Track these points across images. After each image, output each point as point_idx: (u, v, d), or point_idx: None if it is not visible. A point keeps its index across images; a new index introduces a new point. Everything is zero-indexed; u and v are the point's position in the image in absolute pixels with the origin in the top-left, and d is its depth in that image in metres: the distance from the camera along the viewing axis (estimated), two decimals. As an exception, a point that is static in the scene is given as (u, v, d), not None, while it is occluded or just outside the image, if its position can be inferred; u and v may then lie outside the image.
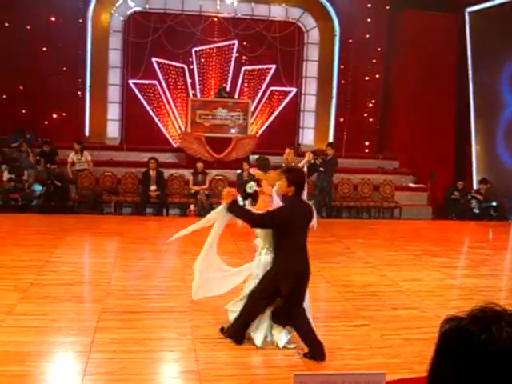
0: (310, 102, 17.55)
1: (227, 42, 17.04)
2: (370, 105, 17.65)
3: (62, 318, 6.52)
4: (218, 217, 6.10)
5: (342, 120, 17.44)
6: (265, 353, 5.81)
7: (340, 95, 17.43)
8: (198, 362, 5.52)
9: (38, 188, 13.86)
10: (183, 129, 16.46)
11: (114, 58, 16.74)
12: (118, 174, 14.60)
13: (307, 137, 17.53)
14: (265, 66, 17.29)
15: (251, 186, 6.43)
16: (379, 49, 17.39)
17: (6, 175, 13.76)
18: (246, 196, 6.40)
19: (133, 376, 5.26)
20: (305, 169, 9.34)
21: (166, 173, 14.54)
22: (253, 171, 9.75)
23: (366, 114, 17.64)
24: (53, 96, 16.37)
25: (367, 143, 17.73)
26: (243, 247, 10.31)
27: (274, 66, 17.22)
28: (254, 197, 6.49)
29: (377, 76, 17.50)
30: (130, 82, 16.77)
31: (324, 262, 9.30)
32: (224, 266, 6.56)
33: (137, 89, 16.82)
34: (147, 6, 16.60)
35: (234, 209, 5.83)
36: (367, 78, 17.42)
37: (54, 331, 6.15)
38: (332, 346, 5.99)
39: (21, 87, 16.31)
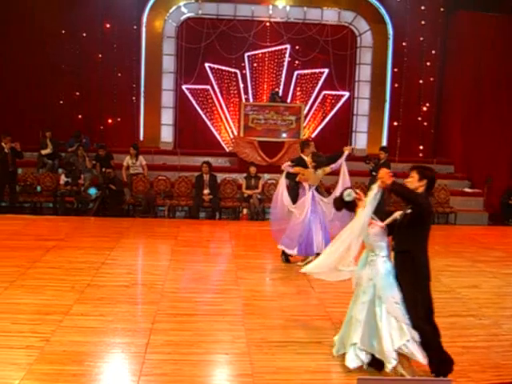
0: (363, 106, 17.41)
1: (280, 47, 17.07)
2: (425, 108, 17.40)
3: (118, 319, 6.61)
4: (369, 203, 5.53)
5: (395, 124, 17.25)
6: (320, 358, 5.76)
7: (393, 99, 17.23)
8: (253, 366, 5.52)
9: (93, 192, 14.11)
10: (236, 133, 16.54)
11: (168, 63, 16.97)
12: (172, 177, 14.78)
13: (360, 141, 17.37)
14: (317, 70, 17.24)
15: (349, 194, 5.87)
16: (433, 51, 17.14)
17: (62, 179, 14.09)
18: (344, 205, 5.94)
19: (187, 378, 5.29)
20: (344, 165, 9.70)
21: (219, 177, 14.62)
22: (291, 167, 9.61)
23: (420, 118, 17.41)
24: (108, 101, 16.70)
25: (421, 147, 17.48)
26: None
27: (326, 70, 17.16)
28: (351, 206, 5.93)
29: (431, 79, 17.25)
30: (184, 87, 16.96)
31: (378, 267, 9.16)
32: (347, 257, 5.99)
33: (190, 94, 17.00)
34: (200, 12, 16.77)
35: (397, 187, 5.45)
36: (421, 81, 17.20)
37: (111, 332, 6.24)
38: (388, 352, 5.90)
39: (77, 93, 16.70)
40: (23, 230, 11.48)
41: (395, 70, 17.18)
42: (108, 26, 16.58)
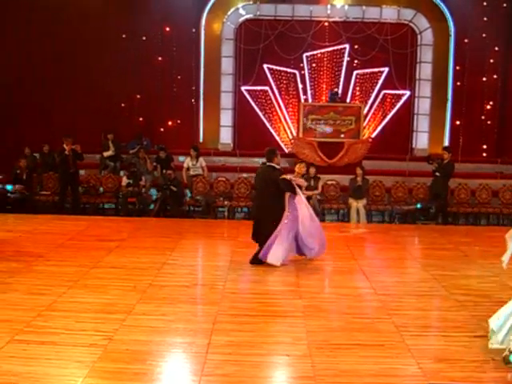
0: (423, 105, 17.12)
1: (338, 46, 16.98)
2: (488, 107, 17.01)
3: (180, 319, 6.65)
4: None
5: (457, 123, 16.90)
6: (383, 361, 5.63)
7: (455, 97, 16.90)
8: (314, 368, 5.45)
9: (154, 193, 14.31)
10: (295, 134, 16.50)
11: (227, 65, 17.09)
12: (231, 179, 14.83)
13: (421, 140, 17.10)
14: (377, 70, 17.06)
15: None
16: (497, 48, 16.75)
17: (124, 180, 14.31)
18: None
19: (248, 379, 5.25)
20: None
21: (278, 178, 14.57)
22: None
23: (483, 117, 17.04)
24: (168, 104, 16.93)
25: (485, 146, 17.08)
26: (355, 251, 10.17)
27: (386, 69, 16.96)
28: None
29: (494, 76, 16.87)
30: (242, 88, 17.03)
31: (442, 270, 8.98)
32: None
33: (249, 95, 17.06)
34: (258, 13, 16.83)
35: None
36: (484, 79, 16.83)
37: (172, 331, 6.28)
38: (452, 356, 5.75)
39: (138, 96, 16.98)
40: (86, 230, 11.72)
41: (457, 67, 16.86)
42: (168, 29, 16.82)
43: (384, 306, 7.31)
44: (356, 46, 16.99)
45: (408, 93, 17.11)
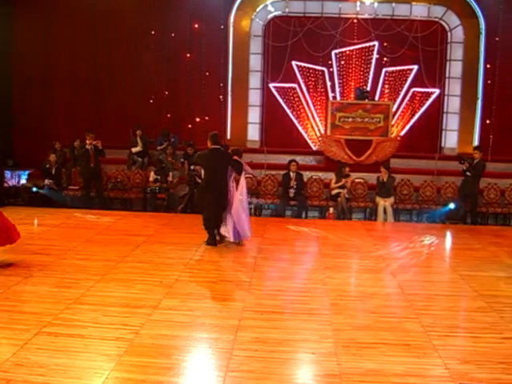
0: (453, 104, 16.93)
1: (367, 44, 16.88)
2: (520, 105, 16.73)
3: (206, 314, 6.66)
4: None
5: (488, 122, 16.66)
6: (409, 361, 5.58)
7: (486, 96, 16.69)
8: (340, 366, 5.41)
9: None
10: (323, 131, 16.43)
11: (255, 62, 17.11)
12: (258, 176, 14.81)
13: (451, 139, 16.91)
14: (406, 67, 16.92)
15: None
16: (529, 46, 16.45)
17: (152, 176, 14.40)
18: None
19: (274, 376, 5.24)
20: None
21: (306, 175, 14.57)
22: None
23: (514, 116, 16.76)
24: (196, 100, 16.98)
25: (515, 146, 16.82)
26: (382, 250, 10.08)
27: (415, 67, 16.81)
28: None
29: (526, 75, 16.57)
30: (271, 85, 17.01)
31: (470, 270, 8.89)
32: None
33: (277, 92, 17.04)
34: (287, 10, 16.81)
35: None
36: (515, 78, 16.56)
37: (198, 327, 6.29)
38: (480, 358, 5.67)
39: (166, 92, 17.06)
40: (113, 225, 11.83)
41: (488, 65, 16.62)
42: (196, 26, 16.87)
43: (411, 305, 7.24)
44: (385, 44, 16.86)
45: (438, 91, 16.94)
